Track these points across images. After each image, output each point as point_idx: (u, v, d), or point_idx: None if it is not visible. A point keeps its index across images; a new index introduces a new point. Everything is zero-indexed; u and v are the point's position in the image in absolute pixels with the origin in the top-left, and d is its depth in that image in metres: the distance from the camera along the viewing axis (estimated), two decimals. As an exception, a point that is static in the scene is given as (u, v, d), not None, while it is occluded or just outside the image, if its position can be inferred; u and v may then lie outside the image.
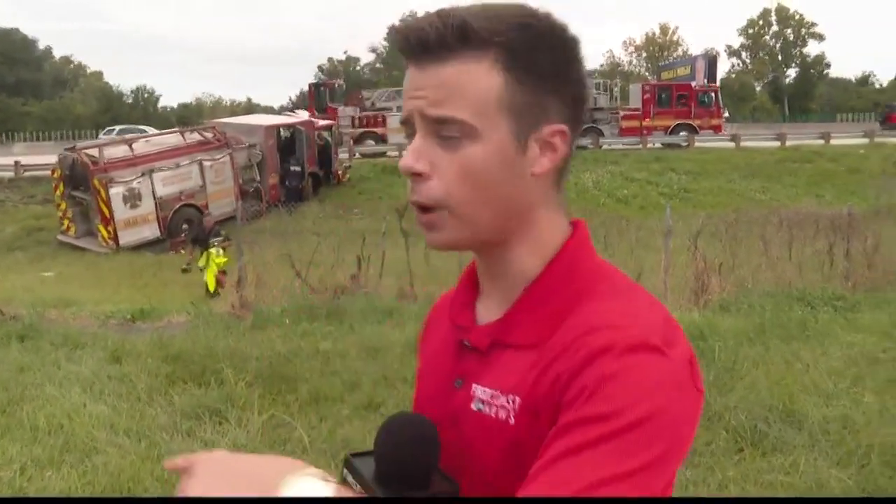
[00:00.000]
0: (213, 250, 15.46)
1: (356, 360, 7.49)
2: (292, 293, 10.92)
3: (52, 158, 25.32)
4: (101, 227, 21.74)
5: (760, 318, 9.06)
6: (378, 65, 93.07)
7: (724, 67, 77.13)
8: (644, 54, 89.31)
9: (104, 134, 45.75)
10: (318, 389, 6.56)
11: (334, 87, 44.15)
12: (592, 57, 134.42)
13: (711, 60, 39.43)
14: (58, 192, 23.21)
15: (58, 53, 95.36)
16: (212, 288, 15.14)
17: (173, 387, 6.81)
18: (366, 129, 37.11)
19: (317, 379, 6.82)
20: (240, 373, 6.87)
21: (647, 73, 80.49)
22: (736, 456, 5.18)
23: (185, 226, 21.96)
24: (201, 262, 15.76)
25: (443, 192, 0.99)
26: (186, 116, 72.97)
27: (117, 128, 46.79)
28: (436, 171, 0.99)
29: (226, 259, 15.30)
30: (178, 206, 22.44)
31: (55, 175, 23.28)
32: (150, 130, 43.21)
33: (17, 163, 34.57)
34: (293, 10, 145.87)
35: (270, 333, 8.73)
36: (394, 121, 37.12)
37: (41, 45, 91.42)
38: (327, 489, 0.84)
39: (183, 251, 19.90)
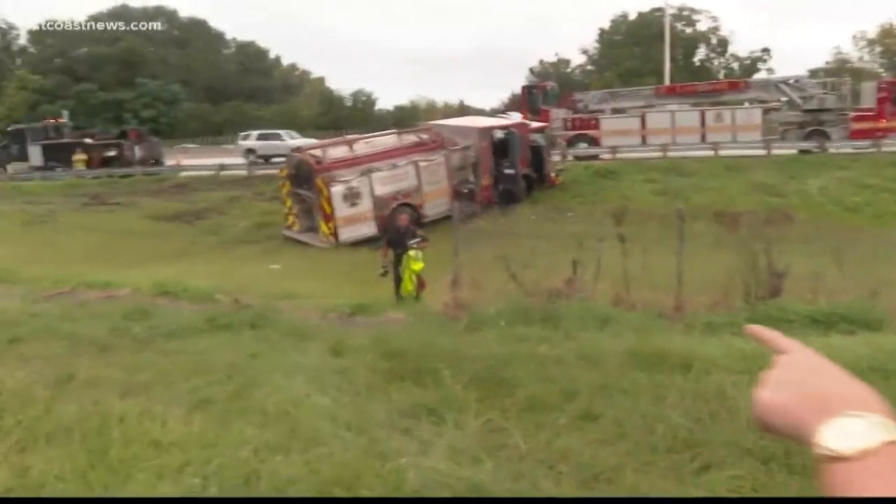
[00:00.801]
0: (411, 253, 14.10)
1: (573, 367, 7.27)
2: (507, 295, 10.87)
3: (281, 158, 26.95)
4: (323, 224, 22.87)
5: None
6: (589, 67, 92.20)
7: None
8: (878, 49, 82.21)
9: (240, 140, 48.00)
10: (535, 396, 6.40)
11: (546, 89, 44.13)
12: (818, 54, 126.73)
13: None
14: (284, 190, 24.78)
15: (286, 61, 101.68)
16: (409, 290, 14.06)
17: (391, 384, 6.90)
18: (578, 132, 36.78)
19: (533, 385, 6.66)
20: (457, 374, 6.84)
21: (881, 71, 74.41)
22: None
23: (399, 224, 22.66)
24: (401, 267, 14.36)
25: None
26: (402, 118, 75.39)
27: (254, 132, 48.51)
28: None
29: (422, 265, 14.09)
30: (394, 206, 23.11)
31: (282, 174, 24.86)
32: (285, 132, 45.25)
33: (250, 162, 37.40)
34: (503, 12, 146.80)
35: (486, 335, 8.71)
36: (607, 123, 36.62)
37: (272, 55, 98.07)
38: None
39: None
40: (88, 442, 5.44)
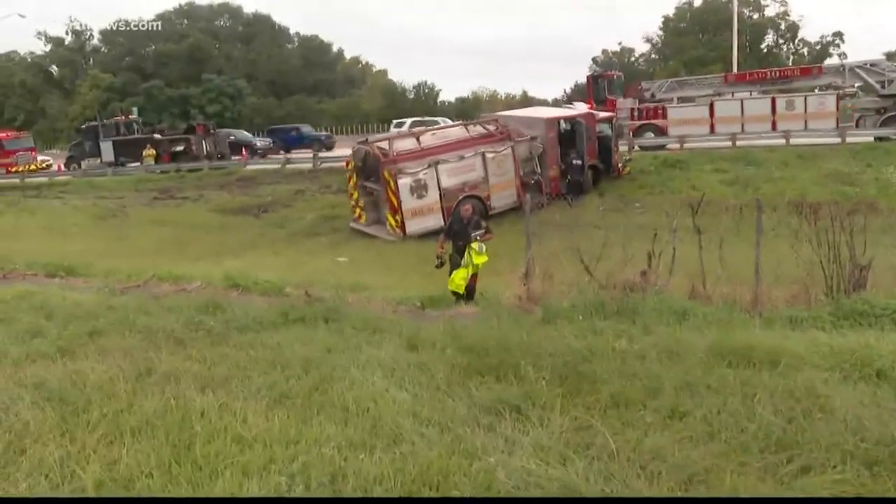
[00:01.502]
0: (474, 245, 12.70)
1: (655, 363, 7.08)
2: (580, 288, 10.67)
3: (345, 151, 27.03)
4: (390, 216, 22.87)
5: None
6: (653, 55, 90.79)
7: None
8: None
9: (394, 127, 48.33)
10: (619, 392, 6.23)
11: (613, 78, 43.63)
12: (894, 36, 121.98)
13: None
14: (351, 183, 24.84)
15: (348, 55, 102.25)
16: (460, 289, 12.60)
17: (471, 378, 6.80)
18: (645, 121, 36.19)
19: (616, 381, 6.49)
20: (537, 369, 6.72)
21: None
22: None
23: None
24: (465, 259, 12.82)
25: None
26: (464, 110, 75.21)
27: (408, 120, 48.74)
28: None
29: (485, 258, 12.73)
30: (461, 197, 22.88)
31: (349, 166, 24.95)
32: (443, 122, 44.83)
33: (315, 155, 37.70)
34: (562, 3, 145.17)
35: (562, 329, 8.54)
36: (674, 112, 35.94)
37: (335, 48, 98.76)
38: None
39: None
40: (172, 436, 5.47)
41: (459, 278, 12.73)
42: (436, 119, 49.12)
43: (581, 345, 7.69)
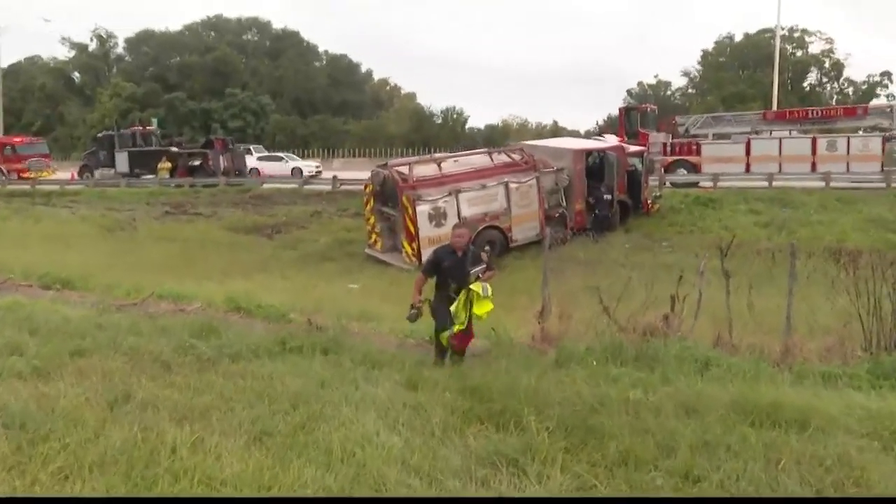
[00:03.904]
0: (476, 288, 9.18)
1: (671, 417, 6.50)
2: (598, 330, 10.10)
3: (366, 174, 26.52)
4: (406, 244, 22.19)
5: None
6: (690, 90, 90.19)
7: None
8: None
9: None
10: (628, 449, 5.69)
11: (646, 111, 43.16)
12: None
13: None
14: (368, 207, 24.14)
15: (377, 76, 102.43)
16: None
17: (469, 425, 6.31)
18: (678, 157, 35.56)
19: (627, 436, 5.93)
20: (542, 419, 6.18)
21: None
22: None
23: (486, 247, 21.80)
24: (455, 308, 9.25)
25: None
26: (493, 138, 74.88)
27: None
28: None
29: (490, 307, 9.29)
30: (481, 228, 22.24)
31: (367, 190, 24.26)
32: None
33: (334, 177, 37.50)
34: (599, 33, 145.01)
35: (574, 374, 8.01)
36: (709, 149, 35.27)
37: (363, 69, 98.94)
38: None
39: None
40: (134, 474, 5.00)
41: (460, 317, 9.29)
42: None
43: (592, 393, 7.15)
